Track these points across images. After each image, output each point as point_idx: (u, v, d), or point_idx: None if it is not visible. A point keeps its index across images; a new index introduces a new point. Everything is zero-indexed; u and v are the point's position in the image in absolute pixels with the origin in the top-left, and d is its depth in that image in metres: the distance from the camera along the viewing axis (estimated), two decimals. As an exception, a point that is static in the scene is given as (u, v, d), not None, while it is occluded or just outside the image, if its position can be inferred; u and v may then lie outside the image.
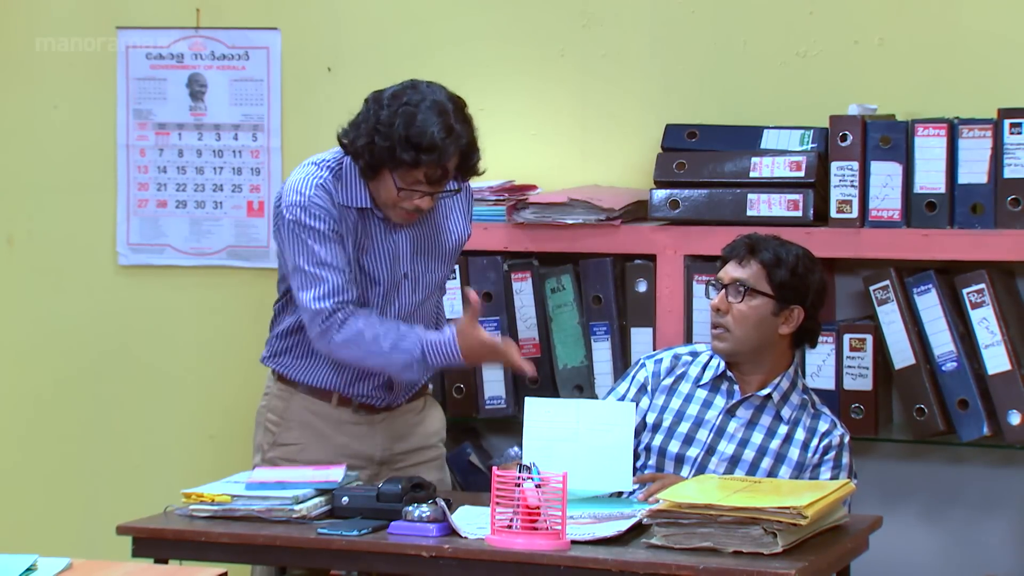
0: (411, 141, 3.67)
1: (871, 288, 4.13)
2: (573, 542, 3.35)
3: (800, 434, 3.84)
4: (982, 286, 4.02)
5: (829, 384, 4.14)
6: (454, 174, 3.78)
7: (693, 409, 3.88)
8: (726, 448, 3.83)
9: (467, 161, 3.76)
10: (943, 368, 4.08)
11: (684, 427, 3.86)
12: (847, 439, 3.85)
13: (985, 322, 4.02)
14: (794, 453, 3.82)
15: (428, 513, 3.45)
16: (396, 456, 4.00)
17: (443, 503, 3.47)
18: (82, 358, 4.98)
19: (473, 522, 3.49)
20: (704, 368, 3.91)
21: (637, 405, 3.89)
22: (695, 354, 3.95)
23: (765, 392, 3.85)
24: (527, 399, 3.72)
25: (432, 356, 3.78)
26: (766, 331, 3.83)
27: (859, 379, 4.13)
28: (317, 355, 3.90)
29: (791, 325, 3.85)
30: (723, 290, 3.83)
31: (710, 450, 3.83)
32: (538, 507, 3.33)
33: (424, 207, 3.77)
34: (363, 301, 3.86)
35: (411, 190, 3.74)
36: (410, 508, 3.47)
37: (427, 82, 3.79)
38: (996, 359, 4.01)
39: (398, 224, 3.85)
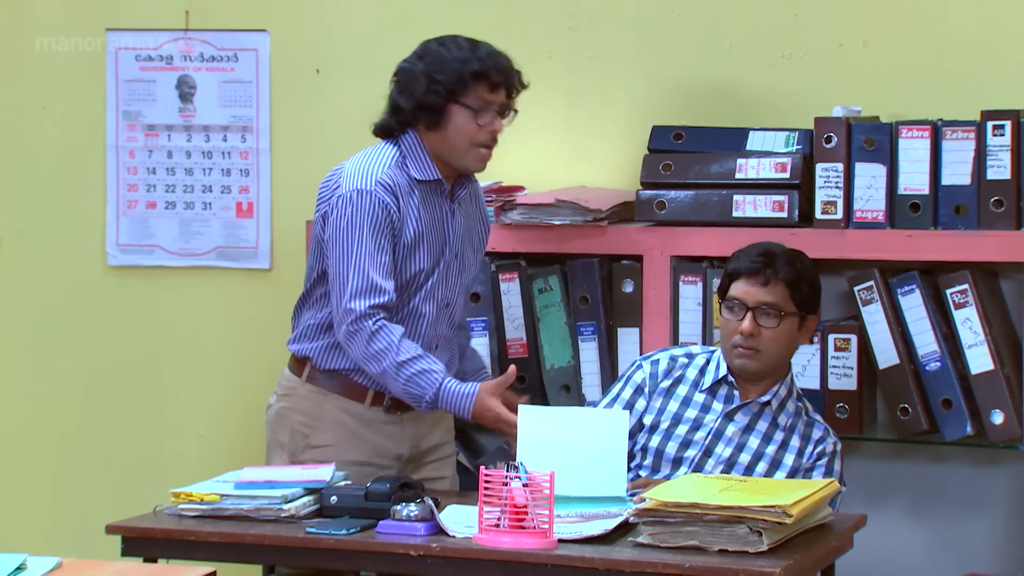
0: (471, 58, 3.83)
1: (855, 288, 4.15)
2: (560, 541, 3.36)
3: (795, 441, 3.86)
4: (965, 287, 4.04)
5: (814, 384, 4.16)
6: (510, 92, 3.89)
7: (691, 412, 3.89)
8: (723, 451, 3.84)
9: (517, 73, 3.89)
10: (927, 368, 4.10)
11: (681, 430, 3.88)
12: (839, 447, 3.88)
13: (968, 322, 4.04)
14: (789, 459, 3.84)
15: (416, 512, 3.46)
16: (421, 454, 4.03)
17: (431, 502, 3.49)
18: (71, 358, 4.99)
19: (461, 521, 3.50)
20: (702, 372, 3.91)
21: (634, 406, 3.91)
22: (691, 356, 3.95)
23: (765, 399, 3.86)
24: (520, 407, 3.71)
25: (444, 403, 3.83)
26: (793, 346, 3.86)
27: (844, 379, 4.16)
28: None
29: (808, 335, 3.88)
30: (748, 312, 3.80)
31: (707, 452, 3.85)
32: (525, 506, 3.34)
33: (499, 130, 3.87)
34: (400, 303, 3.88)
35: (487, 109, 3.83)
36: (398, 507, 3.48)
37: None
38: (979, 359, 4.03)
39: (453, 204, 3.92)
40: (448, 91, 3.81)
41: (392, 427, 3.98)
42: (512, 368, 3.84)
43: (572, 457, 3.64)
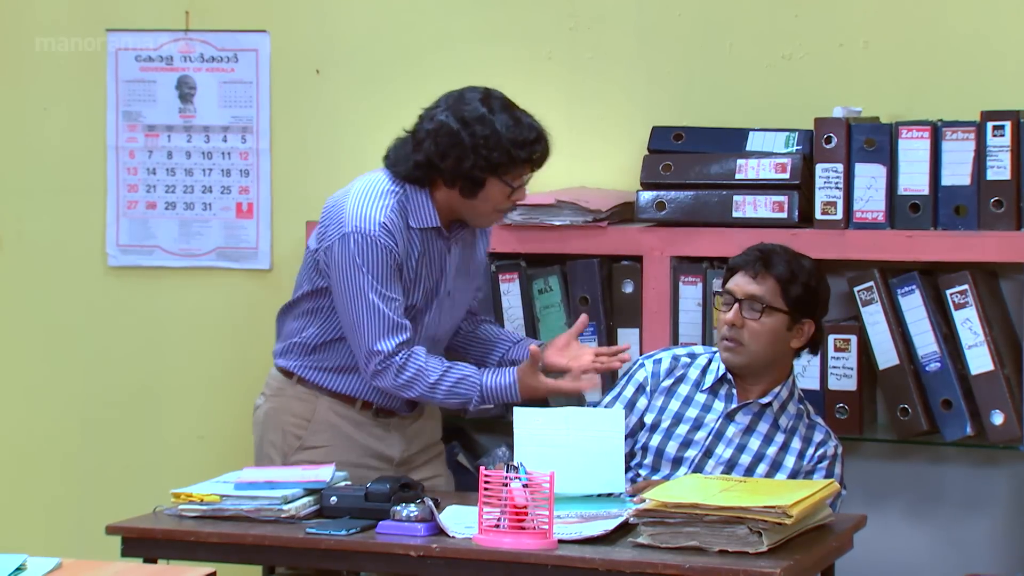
0: (519, 140, 3.82)
1: (855, 289, 4.15)
2: (560, 541, 3.37)
3: (796, 443, 3.86)
4: (965, 287, 4.05)
5: (814, 384, 4.16)
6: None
7: (692, 412, 3.89)
8: (724, 452, 3.85)
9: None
10: (927, 368, 4.10)
11: (682, 429, 3.88)
12: (840, 451, 3.88)
13: (968, 323, 4.05)
14: (789, 461, 3.84)
15: (416, 513, 3.47)
16: (412, 457, 4.06)
17: (431, 503, 3.49)
18: (72, 359, 5.00)
19: (461, 522, 3.51)
20: (704, 372, 3.92)
21: (635, 405, 3.92)
22: (693, 356, 3.96)
23: (766, 400, 3.87)
24: (516, 409, 3.73)
25: (491, 399, 3.90)
26: (779, 346, 3.85)
27: (844, 379, 4.16)
28: (345, 368, 3.95)
29: (802, 339, 3.87)
30: (736, 304, 3.82)
31: (707, 452, 3.85)
32: (525, 507, 3.35)
33: (524, 199, 3.94)
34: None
35: (522, 185, 3.89)
36: (398, 508, 3.49)
37: (466, 88, 3.90)
38: (979, 359, 4.04)
39: (451, 243, 3.94)
40: (494, 167, 3.82)
41: (380, 431, 4.01)
42: (533, 346, 3.89)
43: (570, 456, 3.65)
